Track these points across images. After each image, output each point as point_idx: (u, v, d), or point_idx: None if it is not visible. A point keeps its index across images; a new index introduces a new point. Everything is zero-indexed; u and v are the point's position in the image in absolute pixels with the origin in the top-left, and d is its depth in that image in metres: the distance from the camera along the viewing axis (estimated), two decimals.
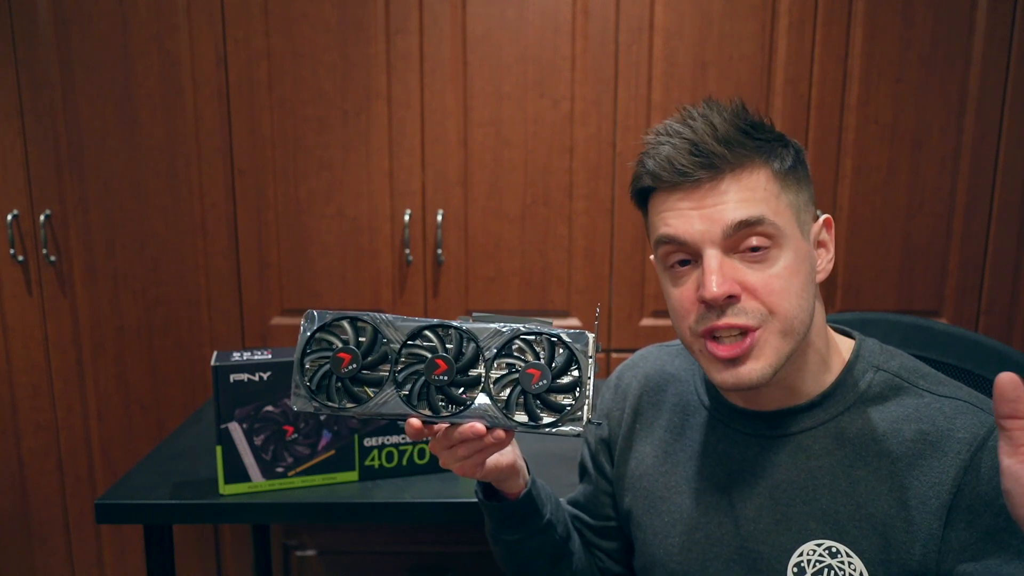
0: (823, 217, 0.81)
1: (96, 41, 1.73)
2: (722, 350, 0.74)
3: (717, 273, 0.72)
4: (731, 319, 0.73)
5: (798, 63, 1.74)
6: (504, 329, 0.74)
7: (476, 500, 0.92)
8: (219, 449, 1.16)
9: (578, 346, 0.73)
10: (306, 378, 0.75)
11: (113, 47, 1.73)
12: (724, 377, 0.75)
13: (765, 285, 0.73)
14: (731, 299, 0.73)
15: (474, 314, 0.76)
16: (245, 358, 1.16)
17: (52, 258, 1.80)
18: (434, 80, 1.75)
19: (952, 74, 1.73)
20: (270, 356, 1.17)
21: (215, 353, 1.17)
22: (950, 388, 0.78)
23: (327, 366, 0.75)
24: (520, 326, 0.74)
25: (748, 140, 0.74)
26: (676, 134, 0.76)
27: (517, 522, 0.90)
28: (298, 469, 1.21)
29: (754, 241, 0.73)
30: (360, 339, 0.75)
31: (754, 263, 0.73)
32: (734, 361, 0.74)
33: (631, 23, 1.73)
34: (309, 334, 0.75)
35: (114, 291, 1.83)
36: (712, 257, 0.73)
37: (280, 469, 1.20)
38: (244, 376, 1.15)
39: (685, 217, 0.74)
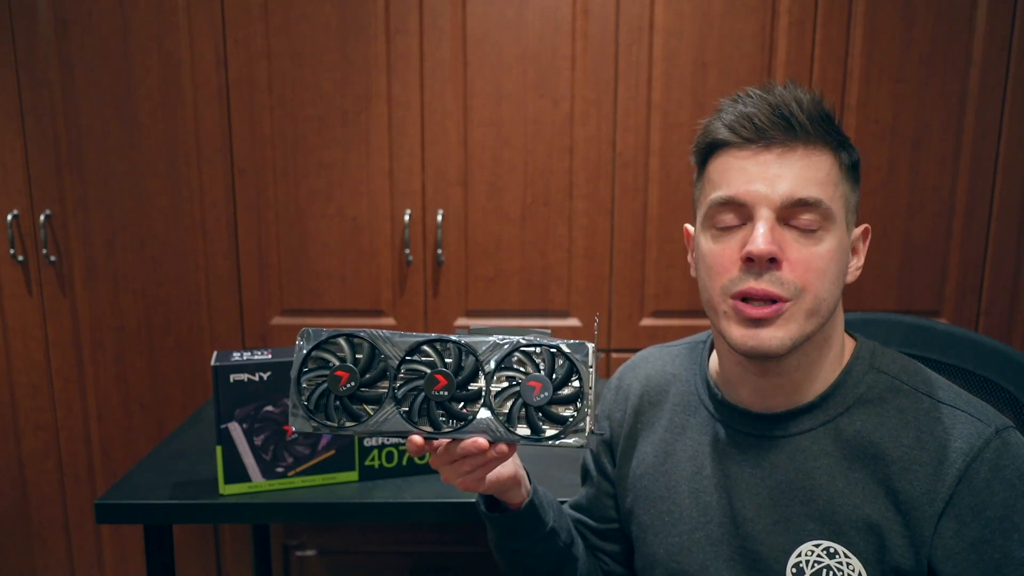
0: (863, 226, 0.83)
1: (96, 41, 1.73)
2: (752, 309, 0.74)
3: (767, 232, 0.72)
4: (767, 286, 0.73)
5: (798, 63, 1.74)
6: (503, 342, 0.73)
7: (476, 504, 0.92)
8: (219, 449, 1.16)
9: (578, 356, 0.73)
10: (304, 398, 0.74)
11: (113, 47, 1.73)
12: (745, 338, 0.75)
13: (807, 261, 0.74)
14: (773, 264, 0.73)
15: (471, 327, 0.75)
16: (245, 358, 1.16)
17: (52, 258, 1.80)
18: (434, 80, 1.75)
19: (952, 74, 1.73)
20: (270, 356, 1.17)
21: (215, 353, 1.17)
22: (950, 394, 0.78)
23: (325, 385, 0.74)
24: (519, 338, 0.73)
25: (826, 124, 0.76)
26: (759, 97, 0.76)
27: (520, 532, 0.90)
28: (298, 469, 1.21)
29: (807, 217, 0.74)
30: (357, 356, 0.74)
31: (801, 238, 0.74)
32: (758, 323, 0.74)
33: (631, 23, 1.73)
34: (305, 353, 0.74)
35: (114, 291, 1.83)
36: (766, 218, 0.73)
37: (280, 469, 1.20)
38: (244, 376, 1.15)
39: (749, 178, 0.75)
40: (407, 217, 1.79)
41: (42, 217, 1.77)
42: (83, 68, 1.74)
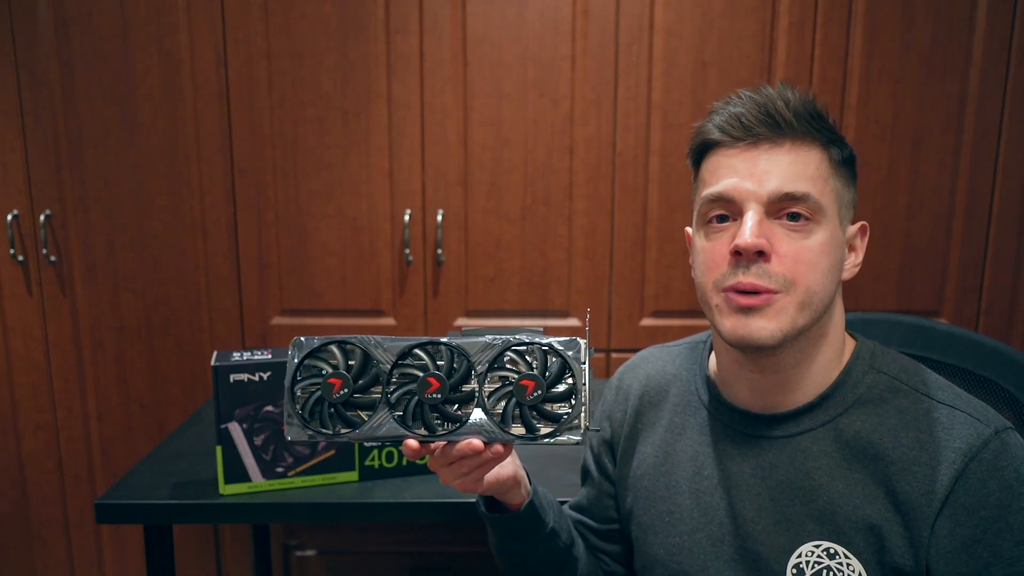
0: (860, 223, 0.83)
1: (96, 41, 1.73)
2: (741, 298, 0.75)
3: (755, 226, 0.73)
4: (755, 279, 0.74)
5: (798, 63, 1.74)
6: (494, 342, 0.73)
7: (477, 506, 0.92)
8: (219, 449, 1.16)
9: (570, 353, 0.73)
10: (298, 406, 0.74)
11: (113, 47, 1.73)
12: (736, 327, 0.75)
13: (795, 254, 0.74)
14: (761, 256, 0.74)
15: (464, 328, 0.75)
16: (245, 358, 1.16)
17: (52, 258, 1.80)
18: (434, 80, 1.75)
19: (952, 74, 1.73)
20: (270, 356, 1.17)
21: (215, 353, 1.17)
22: (949, 395, 0.78)
23: (319, 392, 0.73)
24: (510, 337, 0.73)
25: (815, 122, 0.77)
26: (747, 98, 0.78)
27: (521, 533, 0.90)
28: (298, 469, 1.21)
29: (795, 211, 0.75)
30: (350, 363, 0.74)
31: (790, 231, 0.75)
32: (748, 312, 0.74)
33: (631, 23, 1.73)
34: (297, 361, 0.74)
35: (114, 291, 1.83)
36: (754, 211, 0.74)
37: (280, 469, 1.20)
38: (244, 376, 1.15)
39: (737, 175, 0.76)
40: (407, 217, 1.79)
41: (42, 217, 1.77)
42: (83, 68, 1.74)
